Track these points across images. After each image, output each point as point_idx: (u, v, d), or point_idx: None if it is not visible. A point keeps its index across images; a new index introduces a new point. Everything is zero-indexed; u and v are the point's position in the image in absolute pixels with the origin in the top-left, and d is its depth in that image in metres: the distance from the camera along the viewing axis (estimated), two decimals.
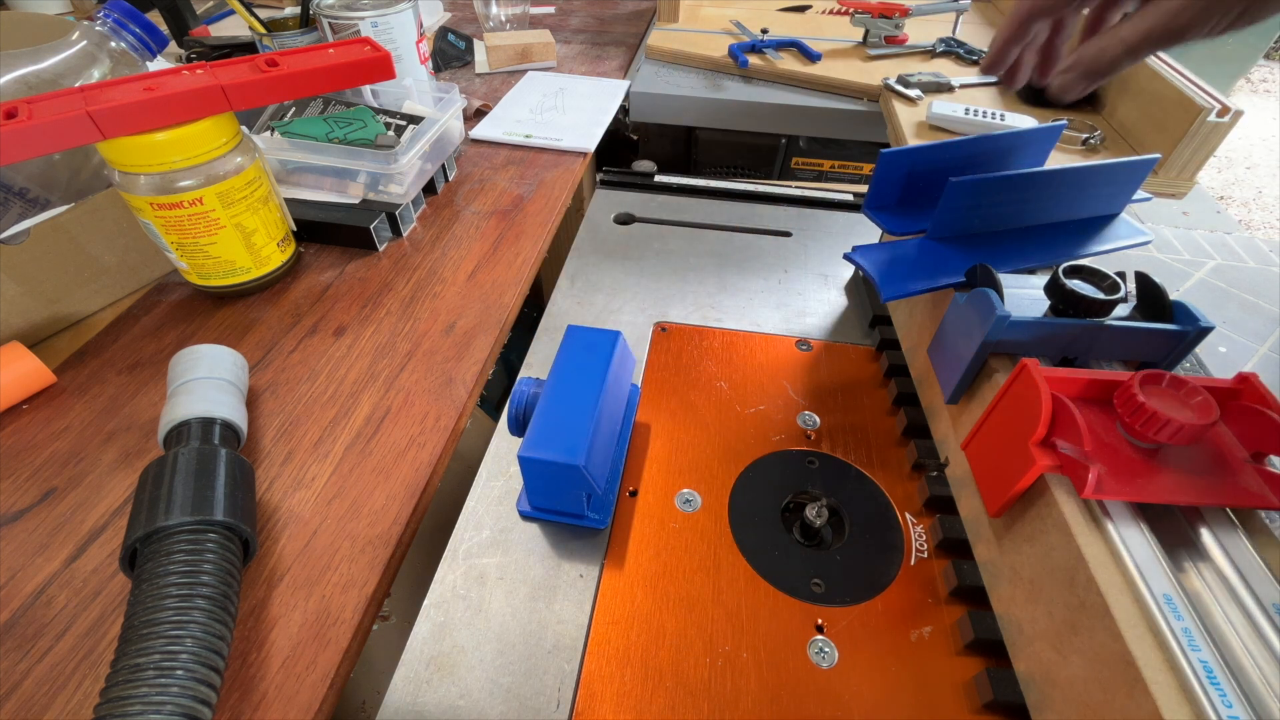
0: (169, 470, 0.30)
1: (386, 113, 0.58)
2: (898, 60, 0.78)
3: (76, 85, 0.40)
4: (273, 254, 0.48)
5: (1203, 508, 0.26)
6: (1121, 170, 0.37)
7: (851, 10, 0.81)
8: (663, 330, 0.47)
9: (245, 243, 0.45)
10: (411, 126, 0.56)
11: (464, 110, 0.70)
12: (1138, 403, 0.25)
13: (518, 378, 0.37)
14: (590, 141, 0.67)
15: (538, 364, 0.45)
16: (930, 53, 0.79)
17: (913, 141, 0.62)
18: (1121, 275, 0.32)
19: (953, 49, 0.78)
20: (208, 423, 0.34)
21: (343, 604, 0.31)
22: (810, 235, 0.57)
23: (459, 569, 0.33)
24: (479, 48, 0.86)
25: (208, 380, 0.36)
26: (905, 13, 0.80)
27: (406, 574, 0.35)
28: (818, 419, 0.40)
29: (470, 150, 0.67)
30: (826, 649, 0.30)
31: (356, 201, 0.54)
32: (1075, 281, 0.31)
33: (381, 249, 0.54)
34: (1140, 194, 0.40)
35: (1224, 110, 0.47)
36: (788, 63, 0.77)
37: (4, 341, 0.41)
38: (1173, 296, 0.31)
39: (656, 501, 0.36)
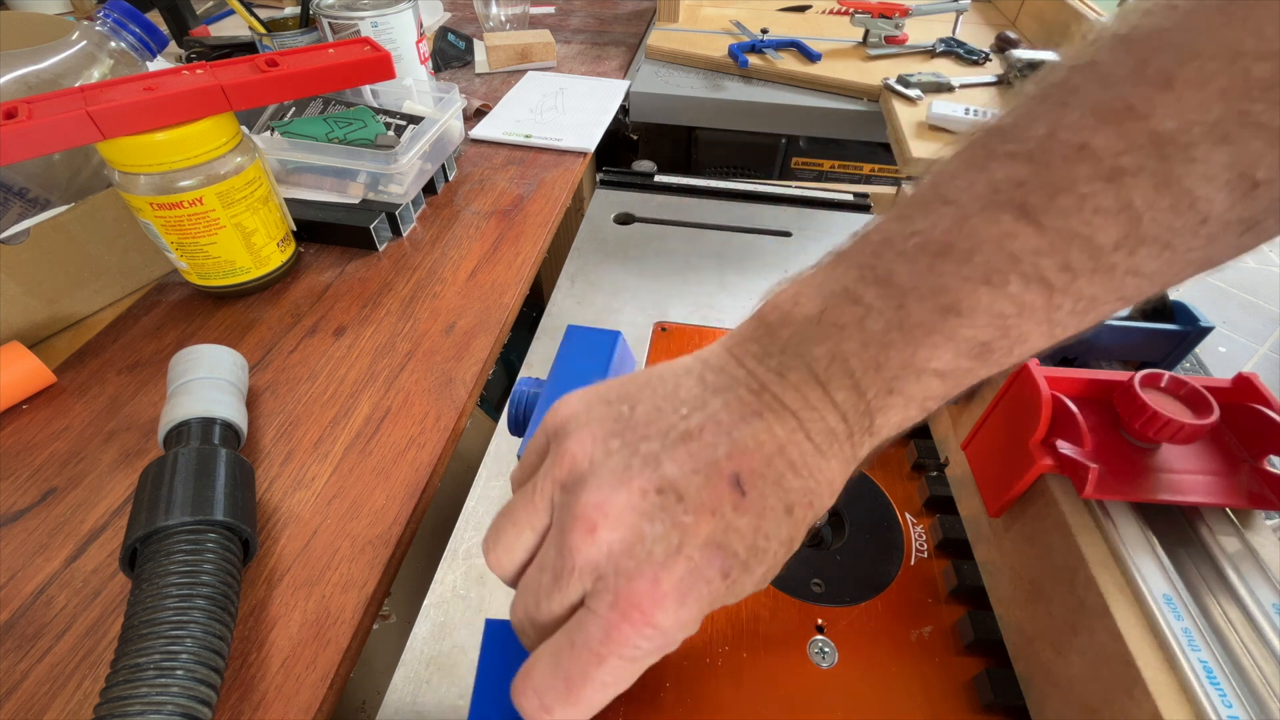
0: (169, 470, 0.30)
1: (386, 113, 0.58)
2: (898, 60, 0.78)
3: (76, 85, 0.40)
4: (273, 254, 0.48)
5: (1203, 508, 0.26)
6: None
7: (851, 10, 0.81)
8: (663, 330, 0.47)
9: (245, 243, 0.45)
10: (411, 126, 0.56)
11: (464, 110, 0.70)
12: (1138, 403, 0.25)
13: (518, 378, 0.37)
14: (590, 141, 0.67)
15: (538, 364, 0.44)
16: (930, 53, 0.79)
17: (913, 143, 0.62)
18: None
19: (953, 49, 0.78)
20: (208, 423, 0.34)
21: (343, 604, 0.31)
22: (810, 235, 0.57)
23: (459, 569, 0.33)
24: (479, 48, 0.86)
25: (208, 380, 0.36)
26: (905, 13, 0.80)
27: (406, 574, 0.35)
28: None
29: (470, 150, 0.67)
30: (826, 649, 0.30)
31: (356, 201, 0.54)
32: None
33: (381, 249, 0.54)
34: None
35: None
36: (788, 63, 0.77)
37: (4, 341, 0.41)
38: (1173, 296, 0.31)
39: None
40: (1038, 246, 0.17)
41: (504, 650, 0.28)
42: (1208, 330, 0.30)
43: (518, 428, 0.35)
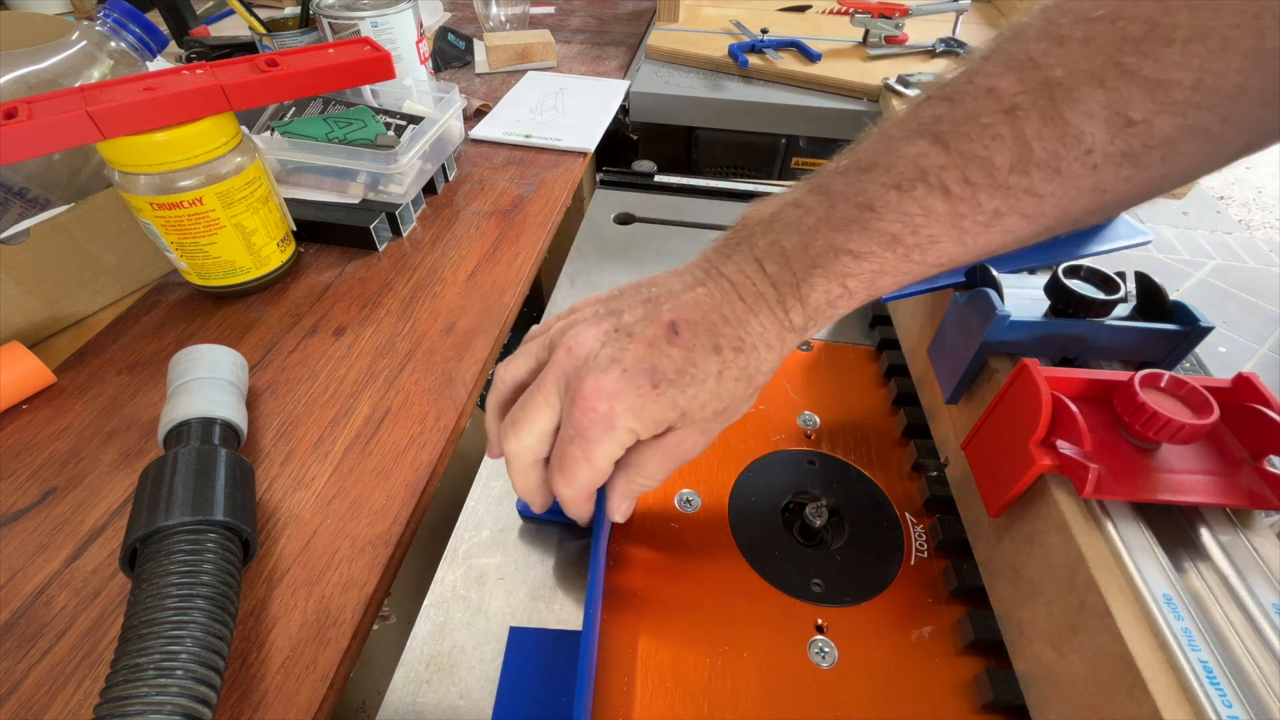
0: (169, 470, 0.30)
1: (386, 113, 0.58)
2: (898, 60, 0.78)
3: (76, 85, 0.40)
4: (273, 254, 0.48)
5: (1203, 508, 0.26)
6: None
7: (851, 10, 0.81)
8: None
9: (245, 243, 0.45)
10: (411, 126, 0.56)
11: (464, 110, 0.70)
12: (1138, 403, 0.25)
13: None
14: (590, 141, 0.67)
15: None
16: (930, 53, 0.79)
17: None
18: (1121, 275, 0.32)
19: (953, 49, 0.78)
20: (208, 423, 0.34)
21: (343, 604, 0.31)
22: None
23: (459, 569, 0.33)
24: (479, 48, 0.86)
25: (208, 380, 0.36)
26: (905, 13, 0.80)
27: (406, 574, 0.35)
28: (818, 419, 0.40)
29: (470, 150, 0.67)
30: (826, 649, 0.30)
31: (356, 201, 0.54)
32: (1075, 281, 0.31)
33: (381, 249, 0.54)
34: None
35: None
36: (788, 63, 0.77)
37: (4, 341, 0.41)
38: (1173, 296, 0.31)
39: (656, 501, 0.36)
40: (943, 163, 0.22)
41: (525, 656, 0.29)
42: (1208, 330, 0.30)
43: None
